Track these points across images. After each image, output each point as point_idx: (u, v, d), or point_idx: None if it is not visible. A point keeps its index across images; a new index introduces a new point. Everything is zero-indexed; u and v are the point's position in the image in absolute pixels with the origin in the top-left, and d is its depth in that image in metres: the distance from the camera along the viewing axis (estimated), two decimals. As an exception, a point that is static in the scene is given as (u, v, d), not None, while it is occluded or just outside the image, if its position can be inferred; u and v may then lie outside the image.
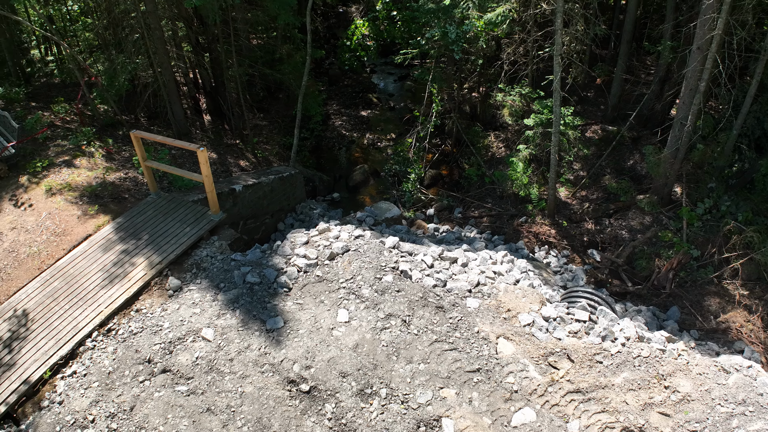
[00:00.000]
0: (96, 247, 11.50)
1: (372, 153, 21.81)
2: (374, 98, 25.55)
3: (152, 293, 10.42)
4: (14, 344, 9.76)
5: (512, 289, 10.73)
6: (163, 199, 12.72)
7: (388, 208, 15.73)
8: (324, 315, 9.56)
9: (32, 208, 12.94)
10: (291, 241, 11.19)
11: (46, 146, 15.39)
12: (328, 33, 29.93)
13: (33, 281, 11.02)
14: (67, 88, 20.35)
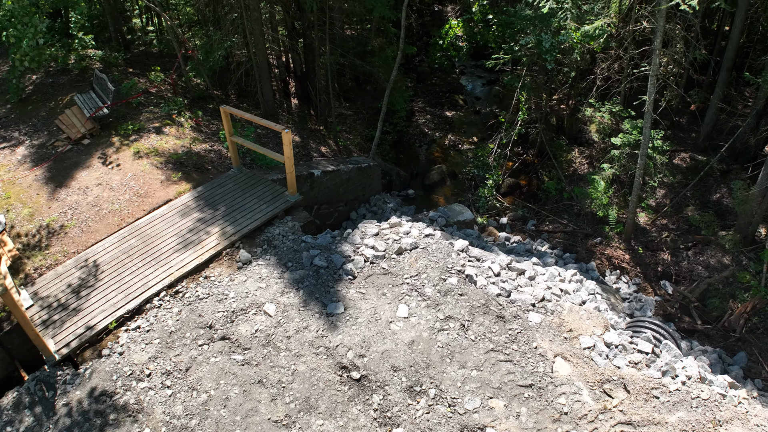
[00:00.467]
0: (174, 212, 11.95)
1: (452, 154, 21.73)
2: (460, 100, 25.45)
3: (222, 263, 10.77)
4: (84, 292, 10.27)
5: (577, 309, 10.51)
6: (244, 174, 13.10)
7: (461, 211, 15.66)
8: (384, 308, 9.63)
9: (119, 168, 13.54)
10: (361, 231, 11.32)
11: (138, 111, 16.07)
12: (422, 30, 29.99)
13: (111, 236, 11.55)
14: (164, 58, 21.14)
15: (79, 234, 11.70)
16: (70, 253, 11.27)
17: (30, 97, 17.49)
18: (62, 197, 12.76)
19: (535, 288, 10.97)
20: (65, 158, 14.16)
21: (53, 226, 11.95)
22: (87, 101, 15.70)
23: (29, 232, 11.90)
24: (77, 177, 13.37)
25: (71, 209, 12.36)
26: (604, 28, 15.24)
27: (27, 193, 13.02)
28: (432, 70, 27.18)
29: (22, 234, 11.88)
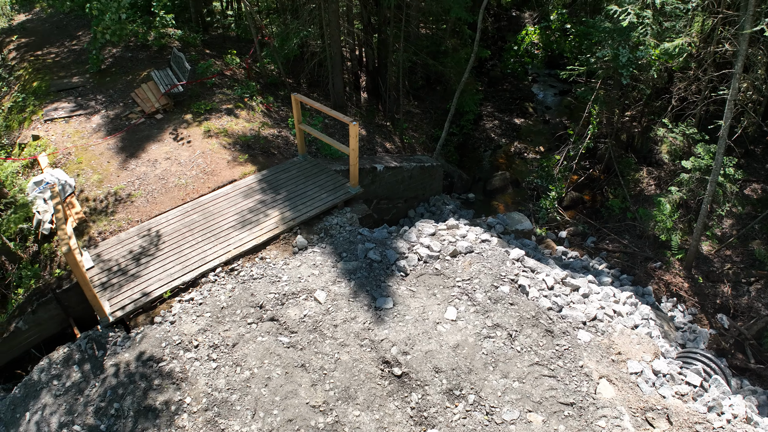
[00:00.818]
0: (238, 192, 12.19)
1: (516, 162, 21.49)
2: (530, 108, 25.13)
3: (279, 246, 10.93)
4: (143, 260, 10.58)
5: (628, 332, 10.25)
6: (309, 162, 13.26)
7: (521, 220, 15.48)
8: (433, 308, 9.60)
9: (189, 144, 13.88)
10: (418, 230, 11.30)
11: (212, 92, 16.45)
12: (497, 35, 29.75)
13: (174, 209, 11.86)
14: (240, 43, 21.57)
15: (144, 204, 12.06)
16: (133, 221, 11.63)
17: (109, 69, 18.11)
18: (131, 167, 13.17)
19: (587, 306, 10.75)
20: (138, 130, 14.61)
21: (120, 194, 12.35)
22: (163, 78, 16.17)
23: (97, 197, 12.33)
24: (148, 149, 13.78)
25: (139, 180, 12.75)
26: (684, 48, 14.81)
27: (98, 160, 13.49)
28: (504, 75, 26.94)
29: (90, 198, 12.32)
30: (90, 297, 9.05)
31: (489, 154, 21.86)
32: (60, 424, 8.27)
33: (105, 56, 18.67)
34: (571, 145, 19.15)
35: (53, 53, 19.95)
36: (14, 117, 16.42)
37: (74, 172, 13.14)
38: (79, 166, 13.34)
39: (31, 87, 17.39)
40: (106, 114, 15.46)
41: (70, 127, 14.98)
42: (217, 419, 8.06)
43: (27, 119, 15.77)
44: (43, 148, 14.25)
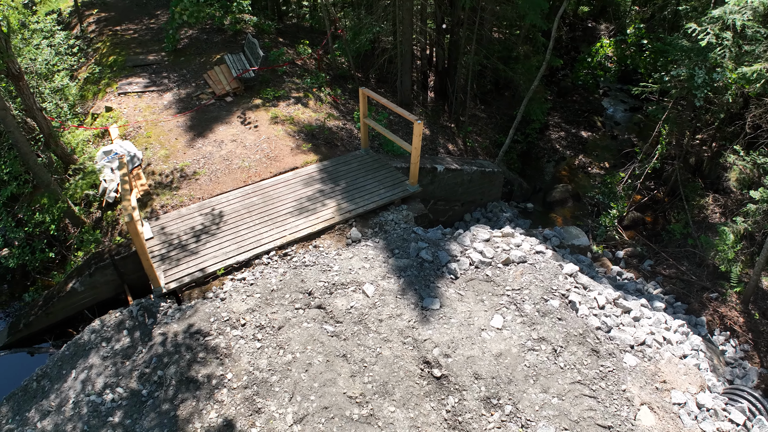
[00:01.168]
0: (298, 180, 12.36)
1: (579, 176, 21.12)
2: (599, 121, 24.64)
3: (333, 236, 11.04)
4: (201, 236, 10.84)
5: (676, 361, 9.97)
6: (370, 157, 13.34)
7: (578, 236, 15.21)
8: (479, 314, 9.54)
9: (255, 129, 14.14)
10: (472, 234, 11.24)
11: (282, 79, 16.70)
12: (571, 44, 29.27)
13: (236, 190, 12.11)
14: (313, 33, 21.84)
15: (207, 182, 12.35)
16: (195, 198, 11.92)
17: (184, 49, 18.59)
18: (198, 146, 13.50)
19: (637, 330, 10.50)
20: (207, 111, 14.96)
21: (185, 170, 12.67)
22: (236, 62, 16.50)
23: (163, 171, 12.69)
24: (215, 130, 14.10)
25: (204, 158, 13.06)
26: (763, 74, 14.25)
27: (167, 136, 13.87)
28: (575, 86, 26.48)
29: (155, 172, 12.69)
30: (147, 266, 9.34)
31: (552, 165, 21.55)
32: (104, 384, 8.56)
33: (181, 36, 19.17)
34: (637, 164, 18.70)
35: (131, 29, 20.60)
36: (89, 88, 17.02)
37: (143, 146, 13.56)
38: (147, 140, 13.75)
39: (108, 60, 18.00)
40: (177, 92, 15.88)
41: (142, 101, 15.46)
42: (255, 398, 8.21)
43: (102, 91, 16.34)
44: (115, 119, 14.74)
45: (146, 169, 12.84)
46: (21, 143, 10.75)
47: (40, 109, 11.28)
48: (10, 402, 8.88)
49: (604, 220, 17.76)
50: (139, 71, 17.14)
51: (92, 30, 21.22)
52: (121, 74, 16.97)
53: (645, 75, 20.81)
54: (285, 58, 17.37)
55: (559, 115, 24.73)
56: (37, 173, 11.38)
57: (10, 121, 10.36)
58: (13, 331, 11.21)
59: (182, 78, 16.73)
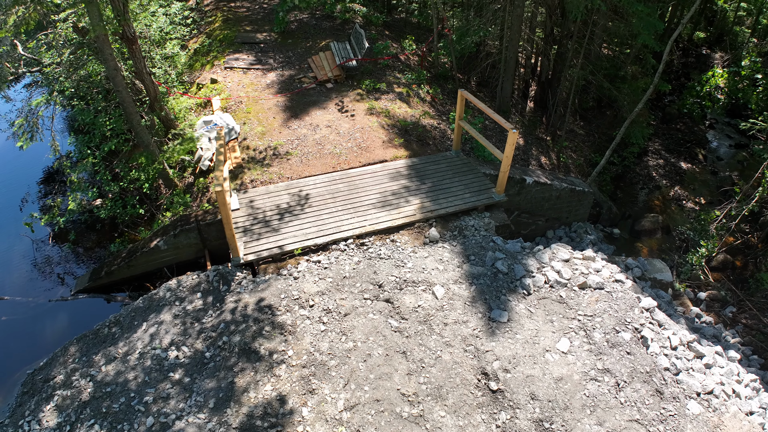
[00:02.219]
0: (385, 173, 12.45)
1: (672, 208, 20.33)
2: (701, 154, 23.61)
3: (411, 233, 11.07)
4: (286, 216, 11.10)
5: (741, 417, 9.45)
6: (460, 159, 13.27)
7: (661, 270, 14.66)
8: (546, 334, 9.35)
9: (351, 117, 14.33)
10: (552, 252, 11.00)
11: (383, 72, 16.84)
12: (681, 70, 28.17)
13: (324, 175, 12.32)
14: (419, 30, 21.88)
15: (297, 164, 12.63)
16: (284, 177, 12.22)
17: (292, 32, 19.03)
18: (293, 127, 13.81)
19: (707, 377, 10.02)
20: (307, 94, 15.28)
21: (279, 149, 13.00)
22: (341, 50, 16.76)
23: (257, 147, 13.05)
24: (312, 114, 14.38)
25: (298, 140, 13.36)
26: None
27: (265, 114, 14.26)
28: (680, 113, 25.45)
29: (250, 147, 13.07)
30: (229, 235, 9.65)
31: (645, 193, 20.81)
32: (171, 341, 8.92)
33: (291, 19, 19.64)
34: (734, 205, 17.83)
35: (245, 8, 21.26)
36: (198, 58, 17.69)
37: (241, 120, 13.99)
38: (246, 115, 14.18)
39: (219, 35, 18.65)
40: (281, 73, 16.28)
41: (246, 78, 15.94)
42: (312, 378, 8.35)
43: (209, 63, 16.95)
44: (219, 92, 15.26)
45: (242, 143, 13.25)
46: (127, 103, 11.30)
47: (149, 74, 11.82)
48: (80, 343, 9.38)
49: (691, 258, 17.03)
50: (246, 48, 17.68)
51: (208, 3, 22.03)
52: (230, 49, 17.56)
53: (755, 111, 19.79)
54: (389, 51, 17.50)
55: (660, 142, 23.85)
56: (138, 133, 11.94)
57: (119, 81, 10.90)
58: (94, 277, 11.81)
59: (287, 59, 17.14)
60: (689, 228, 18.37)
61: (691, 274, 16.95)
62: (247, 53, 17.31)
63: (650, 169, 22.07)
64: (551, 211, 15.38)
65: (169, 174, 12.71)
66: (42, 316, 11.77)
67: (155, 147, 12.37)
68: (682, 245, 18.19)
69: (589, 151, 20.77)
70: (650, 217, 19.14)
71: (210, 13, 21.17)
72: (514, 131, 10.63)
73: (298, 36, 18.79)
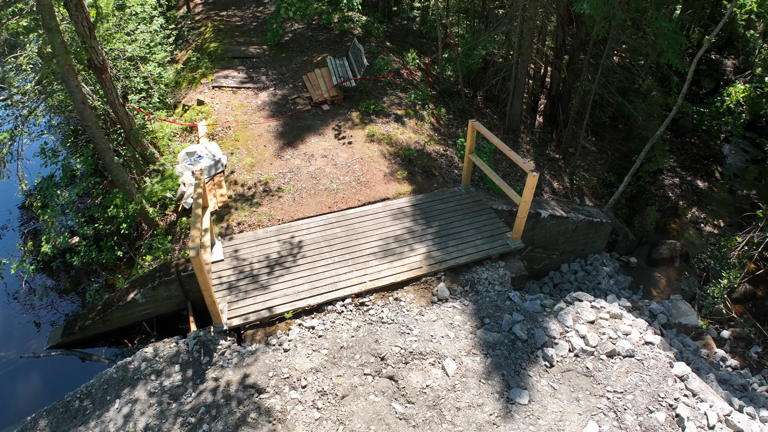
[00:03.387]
0: (387, 214, 11.18)
1: (690, 231, 19.11)
2: (717, 171, 22.38)
3: (417, 290, 9.79)
4: (276, 269, 9.84)
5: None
6: (470, 196, 11.94)
7: (686, 313, 13.48)
8: (572, 417, 8.12)
9: (349, 146, 13.06)
10: (576, 312, 9.71)
11: (384, 90, 15.56)
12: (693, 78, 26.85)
13: (319, 217, 11.06)
14: (422, 39, 20.58)
15: (290, 202, 11.37)
16: (275, 219, 10.97)
17: (287, 45, 17.74)
18: (286, 157, 12.56)
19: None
20: (301, 117, 14.02)
21: (270, 184, 11.75)
22: (338, 67, 15.48)
23: (246, 182, 11.80)
24: (306, 141, 13.13)
25: (291, 173, 12.11)
26: None
27: (255, 142, 13.00)
28: (693, 127, 24.19)
29: (238, 182, 11.82)
30: (209, 302, 8.40)
31: (659, 216, 19.59)
32: (146, 426, 7.73)
33: (285, 30, 18.34)
34: (758, 231, 16.63)
35: (237, 16, 19.97)
36: (185, 75, 16.42)
37: (229, 149, 12.74)
38: (235, 143, 12.92)
39: (209, 48, 17.36)
40: (273, 92, 15.01)
41: (236, 98, 14.68)
42: (306, 486, 7.16)
43: (197, 81, 15.67)
44: (206, 115, 14.00)
45: (229, 177, 12.00)
46: (98, 139, 10.05)
47: (122, 104, 10.53)
48: (50, 416, 8.32)
49: (713, 290, 15.82)
50: (237, 63, 16.41)
51: (199, 12, 20.73)
52: (219, 65, 16.28)
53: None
54: (391, 68, 16.17)
55: (674, 158, 22.59)
56: (112, 171, 10.70)
57: (88, 116, 9.65)
58: (68, 332, 10.65)
59: (280, 76, 15.87)
60: (709, 256, 17.19)
61: (713, 309, 15.79)
62: (238, 69, 16.03)
63: (666, 188, 20.87)
64: (567, 245, 14.21)
65: (148, 213, 11.47)
66: (13, 375, 10.78)
67: (132, 185, 11.13)
68: (702, 274, 17.05)
69: (602, 169, 19.57)
70: (668, 243, 17.94)
71: (200, 22, 19.87)
72: (534, 174, 9.37)
73: (293, 49, 17.50)
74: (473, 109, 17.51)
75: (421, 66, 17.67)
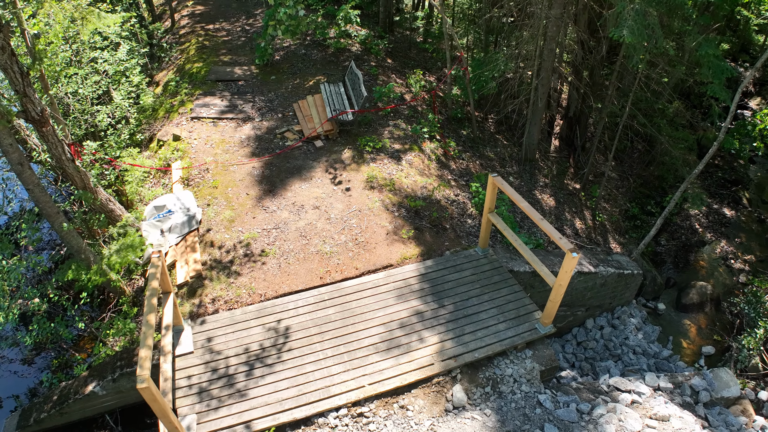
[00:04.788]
0: (391, 288, 9.35)
1: (719, 269, 17.33)
2: (746, 197, 20.58)
3: (428, 394, 7.97)
4: (257, 366, 8.04)
5: None
6: (488, 261, 10.08)
7: (728, 384, 11.72)
8: None
9: (346, 193, 11.28)
10: (619, 420, 7.92)
11: (385, 122, 13.76)
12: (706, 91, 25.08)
13: (309, 291, 9.26)
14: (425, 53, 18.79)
15: (274, 271, 9.57)
16: (256, 294, 9.17)
17: (277, 65, 15.93)
18: (272, 209, 10.78)
19: None
20: (290, 156, 12.23)
21: (251, 246, 9.96)
22: (333, 95, 13.67)
23: (223, 243, 10.01)
24: (295, 187, 11.33)
25: (277, 229, 10.32)
26: None
27: (236, 188, 11.21)
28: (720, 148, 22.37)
29: (215, 243, 10.02)
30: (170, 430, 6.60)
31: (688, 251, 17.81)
32: None
33: (275, 48, 16.50)
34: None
35: (224, 30, 18.13)
36: (163, 101, 14.59)
37: (205, 200, 10.94)
38: (212, 191, 11.12)
39: (192, 68, 15.52)
40: (259, 124, 13.20)
41: (216, 132, 12.86)
42: None
43: (174, 110, 13.84)
44: (181, 153, 12.20)
45: (204, 237, 10.19)
46: (43, 203, 8.27)
47: (71, 159, 8.71)
48: None
49: (748, 341, 14.08)
50: (221, 88, 14.57)
51: (184, 25, 18.87)
52: (201, 89, 14.44)
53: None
54: (392, 95, 14.26)
55: (699, 183, 20.81)
56: (64, 239, 8.91)
57: (27, 178, 7.87)
58: (23, 423, 8.90)
59: (268, 104, 14.04)
60: (743, 300, 15.47)
61: (748, 364, 14.06)
62: (221, 96, 14.19)
63: (692, 219, 19.10)
64: (593, 300, 12.52)
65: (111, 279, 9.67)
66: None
67: (89, 253, 9.34)
68: (734, 321, 15.33)
69: (624, 199, 17.85)
70: (697, 287, 16.20)
71: (185, 36, 18.01)
72: (574, 255, 7.59)
73: (284, 70, 15.67)
74: (485, 137, 15.72)
75: (426, 91, 15.83)
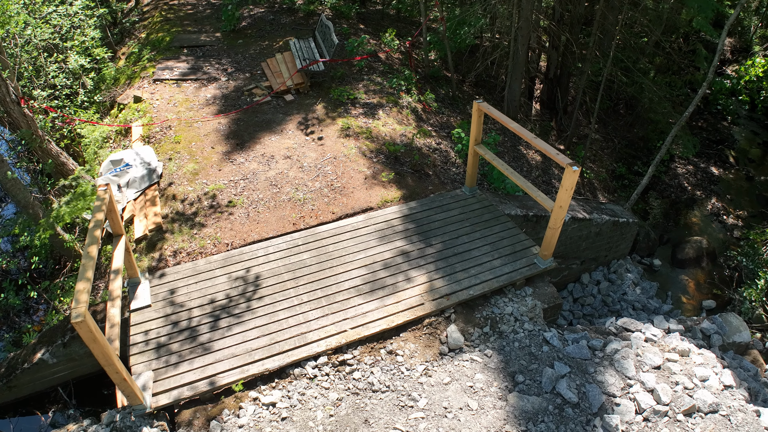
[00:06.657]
0: (372, 229, 8.53)
1: (711, 226, 16.74)
2: (731, 156, 20.07)
3: (419, 336, 7.13)
4: (223, 317, 7.13)
5: None
6: (477, 201, 9.28)
7: (738, 329, 11.04)
8: None
9: (319, 143, 10.43)
10: (638, 356, 7.11)
11: (359, 76, 12.95)
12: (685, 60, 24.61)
13: (281, 238, 8.39)
14: (400, 22, 18.02)
15: (243, 219, 8.71)
16: (222, 244, 8.29)
17: (244, 30, 15.06)
18: (239, 161, 9.91)
19: None
20: (259, 111, 11.36)
21: (217, 197, 9.08)
22: (303, 49, 12.83)
23: (186, 196, 9.12)
24: (265, 140, 10.48)
25: (245, 180, 9.45)
26: None
27: (200, 143, 10.32)
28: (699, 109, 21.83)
29: (177, 196, 9.13)
30: (118, 381, 5.67)
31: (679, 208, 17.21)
32: None
33: (243, 14, 15.64)
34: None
35: (189, 5, 17.23)
36: (124, 70, 13.67)
37: (167, 155, 10.04)
38: (174, 146, 10.22)
39: (155, 38, 14.61)
40: (226, 84, 12.33)
41: (180, 92, 11.97)
42: None
43: (136, 75, 12.92)
44: (142, 113, 11.29)
45: (166, 190, 9.28)
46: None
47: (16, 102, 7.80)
48: None
49: (749, 293, 13.47)
50: (185, 53, 13.68)
51: (148, 2, 17.95)
52: (163, 56, 13.53)
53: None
54: (366, 49, 13.49)
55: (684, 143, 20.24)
56: (8, 189, 7.99)
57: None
58: (-32, 399, 7.97)
59: (235, 65, 13.18)
60: (740, 253, 14.88)
61: (752, 315, 13.45)
62: (184, 60, 13.30)
63: (680, 177, 18.53)
64: (588, 251, 11.77)
65: (64, 240, 8.76)
66: None
67: (38, 207, 8.41)
68: (732, 274, 14.74)
69: (610, 160, 17.23)
70: (692, 242, 15.59)
71: (148, 13, 17.10)
72: (575, 169, 6.82)
73: (251, 35, 14.82)
74: (464, 96, 14.97)
75: (402, 48, 15.05)
